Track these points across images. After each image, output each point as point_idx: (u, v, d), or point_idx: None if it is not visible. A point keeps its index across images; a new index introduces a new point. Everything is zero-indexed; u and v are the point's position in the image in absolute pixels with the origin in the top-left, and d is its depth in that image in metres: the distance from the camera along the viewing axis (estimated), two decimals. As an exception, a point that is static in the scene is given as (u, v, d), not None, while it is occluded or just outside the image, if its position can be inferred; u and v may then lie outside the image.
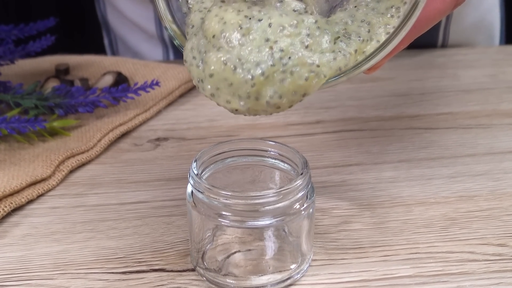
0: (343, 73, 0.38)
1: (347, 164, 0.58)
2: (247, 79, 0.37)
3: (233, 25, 0.38)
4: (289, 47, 0.37)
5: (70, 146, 0.59)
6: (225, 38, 0.38)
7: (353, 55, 0.38)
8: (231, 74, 0.37)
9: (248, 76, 0.37)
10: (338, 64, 0.38)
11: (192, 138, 0.63)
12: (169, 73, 0.72)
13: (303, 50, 0.37)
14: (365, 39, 0.39)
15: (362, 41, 0.39)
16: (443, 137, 0.61)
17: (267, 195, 0.41)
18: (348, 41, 0.38)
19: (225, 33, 0.38)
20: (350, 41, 0.38)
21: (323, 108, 0.67)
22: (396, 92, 0.70)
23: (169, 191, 0.54)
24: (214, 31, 0.38)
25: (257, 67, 0.37)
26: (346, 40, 0.38)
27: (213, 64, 0.38)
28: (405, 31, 0.38)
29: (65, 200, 0.54)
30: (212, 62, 0.38)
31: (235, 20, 0.38)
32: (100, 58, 0.76)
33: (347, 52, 0.38)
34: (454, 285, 0.44)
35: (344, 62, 0.38)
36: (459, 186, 0.54)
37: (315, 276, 0.45)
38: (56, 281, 0.45)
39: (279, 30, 0.37)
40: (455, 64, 0.76)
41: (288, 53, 0.37)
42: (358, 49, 0.39)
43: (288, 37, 0.37)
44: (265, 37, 0.37)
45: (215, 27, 0.38)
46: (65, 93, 0.62)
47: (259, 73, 0.37)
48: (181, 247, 0.48)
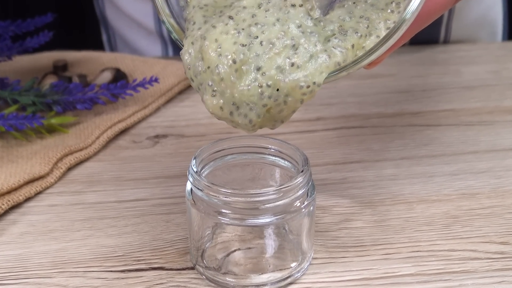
0: (342, 68, 0.38)
1: (348, 161, 0.58)
2: (246, 122, 0.40)
3: (227, 59, 0.39)
4: (275, 76, 0.39)
5: (68, 143, 0.59)
6: (219, 75, 0.39)
7: (351, 50, 0.39)
8: (229, 116, 0.40)
9: (246, 120, 0.40)
10: (335, 60, 0.38)
11: (191, 135, 0.63)
12: (168, 69, 0.72)
13: (291, 72, 0.39)
14: (363, 35, 0.39)
15: (360, 36, 0.39)
16: (445, 134, 0.61)
17: (267, 193, 0.41)
18: (344, 37, 0.39)
19: (219, 69, 0.39)
20: (346, 37, 0.39)
21: (324, 105, 0.67)
22: (397, 89, 0.70)
23: (168, 189, 0.54)
24: (210, 63, 0.39)
25: (251, 111, 0.39)
26: (342, 36, 0.39)
27: (211, 107, 0.40)
28: (406, 25, 0.38)
29: (63, 198, 0.54)
30: (210, 104, 0.40)
31: (230, 51, 0.39)
32: (99, 54, 0.75)
33: (343, 48, 0.38)
34: (456, 283, 0.44)
35: (341, 57, 0.38)
36: (461, 184, 0.54)
37: (316, 275, 0.45)
38: (55, 280, 0.45)
39: (268, 49, 0.39)
40: (457, 60, 0.76)
41: (277, 85, 0.39)
42: (355, 44, 0.39)
43: (277, 55, 0.39)
44: (257, 65, 0.39)
45: (212, 58, 0.39)
46: (63, 89, 0.62)
47: (255, 118, 0.40)
48: (181, 245, 0.48)
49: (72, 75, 0.67)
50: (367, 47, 0.39)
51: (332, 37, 0.39)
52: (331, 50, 0.38)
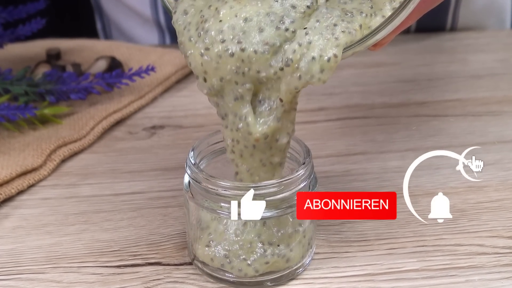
0: (349, 47, 0.38)
1: (351, 153, 0.58)
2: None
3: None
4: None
5: (62, 134, 0.59)
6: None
7: (359, 31, 0.38)
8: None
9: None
10: (345, 40, 0.38)
11: (189, 126, 0.62)
12: (165, 58, 0.71)
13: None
14: (368, 14, 0.39)
15: (366, 16, 0.39)
16: (451, 125, 0.61)
17: (268, 186, 0.41)
18: (350, 19, 0.39)
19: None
20: (352, 18, 0.39)
21: (326, 95, 0.67)
22: (402, 78, 0.70)
23: (165, 182, 0.54)
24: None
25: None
26: (349, 18, 0.39)
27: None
28: (414, 3, 0.37)
29: (57, 191, 0.54)
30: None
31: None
32: (93, 43, 0.75)
33: (351, 29, 0.38)
34: (462, 279, 0.44)
35: (349, 38, 0.38)
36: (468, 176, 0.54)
37: (318, 270, 0.45)
38: (48, 275, 0.45)
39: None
40: (465, 48, 0.76)
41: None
42: (362, 24, 0.39)
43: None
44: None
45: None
46: (57, 79, 0.62)
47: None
48: (178, 240, 0.48)
49: (66, 64, 0.67)
50: (373, 27, 0.39)
51: (339, 21, 0.39)
52: (340, 33, 0.38)
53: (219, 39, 0.38)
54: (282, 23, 0.38)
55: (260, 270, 0.43)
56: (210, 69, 0.39)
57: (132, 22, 0.84)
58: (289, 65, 0.38)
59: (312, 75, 0.38)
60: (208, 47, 0.39)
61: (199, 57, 0.39)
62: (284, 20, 0.38)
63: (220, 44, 0.38)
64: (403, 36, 0.78)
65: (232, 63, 0.39)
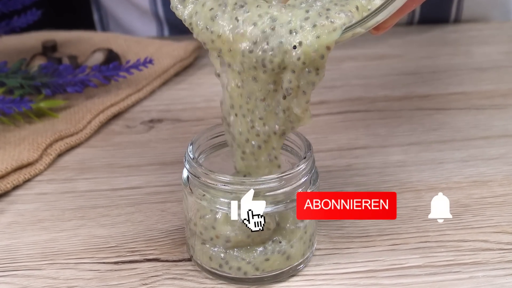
0: (348, 28, 0.38)
1: (353, 147, 0.58)
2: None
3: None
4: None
5: (58, 128, 0.59)
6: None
7: (356, 12, 0.38)
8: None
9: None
10: (343, 21, 0.38)
11: (188, 120, 0.62)
12: (164, 50, 0.71)
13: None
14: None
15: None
16: (455, 119, 0.61)
17: (268, 181, 0.41)
18: (345, 1, 0.38)
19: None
20: (347, 1, 0.39)
21: (327, 88, 0.67)
22: (405, 71, 0.70)
23: (163, 176, 0.54)
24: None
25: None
26: (343, 1, 0.39)
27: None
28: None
29: (53, 186, 0.54)
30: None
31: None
32: (90, 34, 0.75)
33: (347, 11, 0.38)
34: (466, 275, 0.44)
35: (347, 19, 0.38)
36: (472, 171, 0.54)
37: (319, 266, 0.45)
38: (44, 272, 0.45)
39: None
40: (469, 40, 0.76)
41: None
42: (359, 6, 0.39)
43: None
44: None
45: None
46: (53, 71, 0.62)
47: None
48: (177, 236, 0.48)
49: (62, 56, 0.67)
50: (372, 9, 0.39)
51: (333, 5, 0.39)
52: (335, 15, 0.38)
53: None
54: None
55: (260, 267, 0.43)
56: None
57: (129, 14, 0.83)
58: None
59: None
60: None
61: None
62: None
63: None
64: (406, 27, 0.78)
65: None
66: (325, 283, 0.44)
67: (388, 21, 0.39)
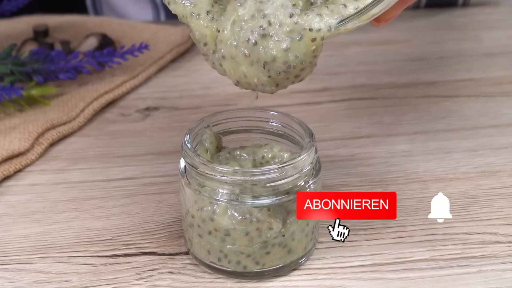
0: (347, 19, 0.38)
1: (357, 136, 0.57)
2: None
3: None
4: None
5: (50, 116, 0.58)
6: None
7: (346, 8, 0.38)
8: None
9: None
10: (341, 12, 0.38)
11: (185, 108, 0.62)
12: (160, 35, 0.71)
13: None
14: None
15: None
16: (463, 106, 0.61)
17: (269, 171, 0.41)
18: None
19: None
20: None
21: (331, 74, 0.66)
22: (411, 56, 0.70)
23: (160, 166, 0.54)
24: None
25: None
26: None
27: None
28: None
29: (45, 177, 0.54)
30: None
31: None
32: (83, 19, 0.75)
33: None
34: (474, 269, 0.44)
35: (344, 11, 0.38)
36: (481, 161, 0.54)
37: (321, 260, 0.45)
38: (36, 266, 0.45)
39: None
40: (477, 25, 0.75)
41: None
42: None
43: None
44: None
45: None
46: (44, 57, 0.62)
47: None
48: (174, 228, 0.48)
49: (54, 42, 0.67)
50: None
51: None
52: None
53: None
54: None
55: (260, 261, 0.43)
56: None
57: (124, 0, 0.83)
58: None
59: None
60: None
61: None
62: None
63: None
64: (412, 11, 0.78)
65: None
66: (328, 277, 0.44)
67: (389, 13, 0.39)
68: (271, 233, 0.42)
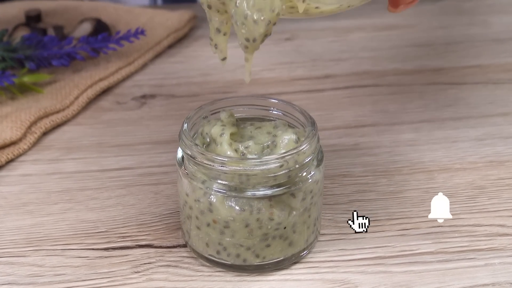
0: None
1: (361, 124, 0.57)
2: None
3: None
4: None
5: (43, 104, 0.58)
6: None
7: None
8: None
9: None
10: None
11: (182, 95, 0.62)
12: (156, 20, 0.71)
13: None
14: None
15: None
16: (471, 94, 0.61)
17: (269, 161, 0.41)
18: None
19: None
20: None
21: (333, 60, 0.66)
22: (417, 42, 0.70)
23: (156, 156, 0.54)
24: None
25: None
26: None
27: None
28: None
29: (38, 167, 0.54)
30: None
31: None
32: (77, 3, 0.75)
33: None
34: (481, 262, 0.44)
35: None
36: (489, 150, 0.54)
37: (324, 253, 0.45)
38: (29, 259, 0.45)
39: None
40: (486, 9, 0.75)
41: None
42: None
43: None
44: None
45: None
46: (37, 43, 0.62)
47: None
48: (171, 220, 0.48)
49: (47, 27, 0.67)
50: None
51: None
52: None
53: None
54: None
55: (260, 254, 0.43)
56: None
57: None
58: None
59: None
60: None
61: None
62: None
63: None
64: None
65: None
66: (330, 271, 0.44)
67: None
68: (272, 224, 0.42)
